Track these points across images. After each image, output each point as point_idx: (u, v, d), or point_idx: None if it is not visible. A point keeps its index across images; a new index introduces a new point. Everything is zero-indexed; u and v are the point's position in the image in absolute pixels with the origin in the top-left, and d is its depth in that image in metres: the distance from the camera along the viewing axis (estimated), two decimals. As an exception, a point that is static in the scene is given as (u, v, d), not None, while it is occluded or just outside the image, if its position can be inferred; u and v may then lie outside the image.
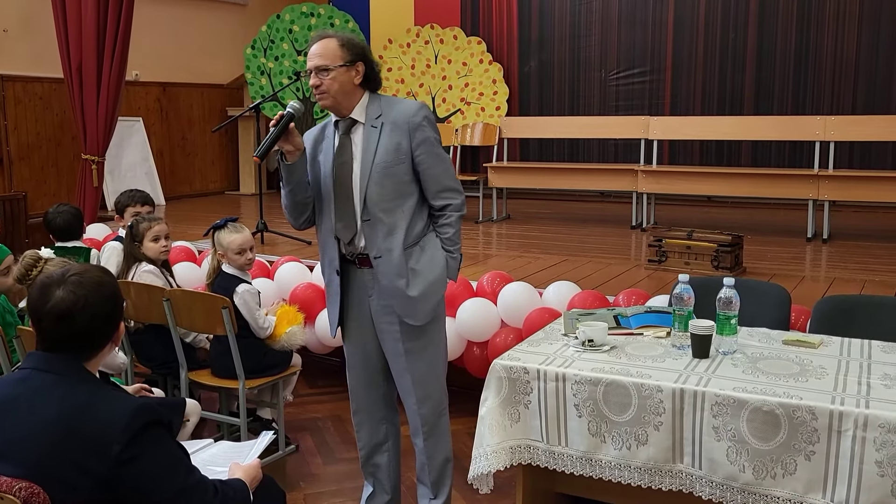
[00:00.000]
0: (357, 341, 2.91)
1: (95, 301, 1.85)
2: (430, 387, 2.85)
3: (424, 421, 2.87)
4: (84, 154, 6.95)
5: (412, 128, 2.67)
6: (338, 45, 2.65)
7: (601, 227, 6.65)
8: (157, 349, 3.77)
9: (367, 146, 2.69)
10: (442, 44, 8.79)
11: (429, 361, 2.84)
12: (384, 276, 2.71)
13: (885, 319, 3.02)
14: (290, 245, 5.77)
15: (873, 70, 7.27)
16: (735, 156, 7.78)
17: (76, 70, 6.75)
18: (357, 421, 3.01)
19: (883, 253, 5.34)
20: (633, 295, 3.88)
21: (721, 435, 2.30)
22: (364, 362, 2.92)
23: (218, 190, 9.63)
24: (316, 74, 2.65)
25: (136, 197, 4.55)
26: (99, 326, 1.87)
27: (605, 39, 8.31)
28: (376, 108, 2.71)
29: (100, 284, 1.88)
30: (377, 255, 2.71)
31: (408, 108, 2.71)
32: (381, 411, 2.98)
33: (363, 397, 2.97)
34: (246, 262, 3.65)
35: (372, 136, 2.69)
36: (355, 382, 2.97)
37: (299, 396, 4.38)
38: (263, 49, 8.49)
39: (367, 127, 2.70)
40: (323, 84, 2.64)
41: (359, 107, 2.71)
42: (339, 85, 2.65)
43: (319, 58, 2.65)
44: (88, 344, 1.87)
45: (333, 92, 2.65)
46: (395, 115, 2.69)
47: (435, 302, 2.78)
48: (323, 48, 2.66)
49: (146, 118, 8.70)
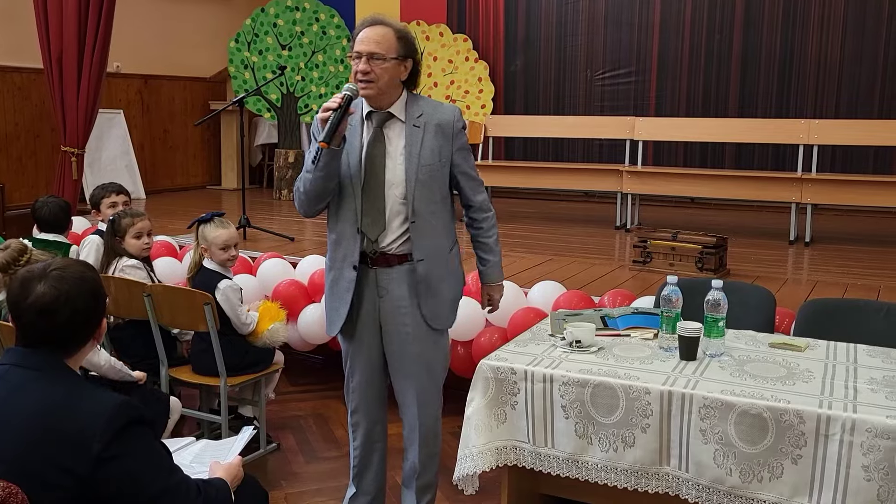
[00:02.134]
0: (361, 341, 2.83)
1: (77, 296, 1.81)
2: (431, 392, 2.83)
3: (423, 427, 2.83)
4: (63, 146, 6.86)
5: (455, 133, 2.70)
6: (395, 37, 2.60)
7: (586, 227, 6.65)
8: (138, 345, 3.71)
9: (411, 145, 2.64)
10: (428, 41, 8.76)
11: (435, 366, 2.82)
12: (426, 278, 2.70)
13: (869, 323, 3.03)
14: (272, 241, 5.72)
15: (857, 74, 7.32)
16: (719, 158, 7.81)
17: (56, 60, 6.66)
18: (354, 421, 2.95)
19: (864, 256, 5.38)
20: (619, 296, 3.87)
21: (708, 438, 2.29)
22: (367, 363, 2.85)
23: (199, 184, 9.54)
24: (368, 60, 2.56)
25: (110, 188, 4.49)
26: (80, 322, 1.83)
27: (591, 39, 8.31)
28: (417, 108, 2.68)
29: (82, 280, 1.84)
30: (420, 258, 2.68)
31: (450, 112, 2.73)
32: (377, 412, 2.94)
33: (363, 398, 2.91)
34: (229, 258, 3.61)
35: (415, 135, 2.65)
36: (356, 383, 2.90)
37: (281, 394, 4.34)
38: (247, 43, 8.42)
39: (408, 125, 2.66)
40: (373, 72, 2.56)
41: (399, 103, 2.67)
42: (388, 76, 2.59)
43: (376, 45, 2.56)
44: (69, 340, 1.83)
45: (382, 82, 2.58)
46: (438, 117, 2.68)
47: (456, 306, 2.87)
48: (381, 36, 2.58)
49: (127, 111, 8.60)
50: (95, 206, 4.46)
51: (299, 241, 5.79)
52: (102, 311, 1.90)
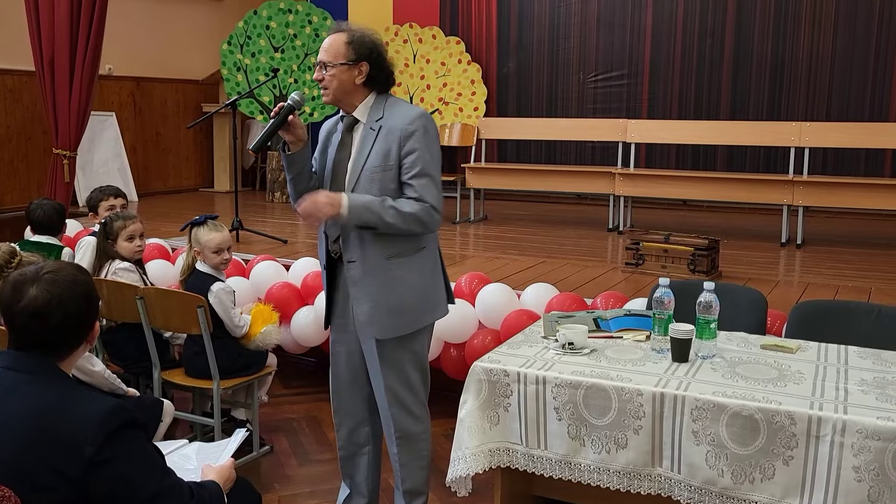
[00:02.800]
0: (341, 339, 2.88)
1: (69, 300, 1.81)
2: (401, 392, 2.79)
3: (397, 427, 2.82)
4: (55, 148, 6.84)
5: (404, 136, 2.60)
6: (344, 42, 2.62)
7: (578, 229, 6.66)
8: (130, 348, 3.71)
9: (362, 148, 2.66)
10: (420, 43, 8.77)
11: (403, 368, 2.78)
12: (353, 281, 2.71)
13: (860, 325, 3.04)
14: (265, 244, 5.72)
15: (848, 78, 7.36)
16: (711, 160, 7.83)
17: (48, 63, 6.64)
18: (337, 420, 2.97)
19: (855, 258, 5.40)
20: (612, 297, 3.88)
21: (700, 439, 2.30)
22: (347, 361, 2.89)
23: (192, 187, 9.52)
24: (319, 69, 2.64)
25: (108, 190, 4.49)
26: (72, 326, 1.83)
27: (583, 42, 8.33)
28: (379, 110, 2.67)
29: (74, 283, 1.84)
30: (350, 259, 2.69)
31: (407, 114, 2.64)
32: (363, 413, 2.94)
33: (345, 397, 2.94)
34: (222, 261, 3.60)
35: (368, 137, 2.66)
36: (337, 381, 2.94)
37: (274, 397, 4.33)
38: (240, 45, 8.41)
39: (366, 127, 2.68)
40: (324, 79, 2.63)
41: (362, 106, 2.69)
42: (338, 83, 2.63)
43: (325, 52, 2.63)
44: (62, 343, 1.83)
45: (332, 89, 2.64)
46: (393, 120, 2.63)
47: (402, 321, 2.71)
48: (329, 43, 2.63)
49: (119, 113, 8.58)
50: (93, 209, 4.45)
51: (292, 243, 5.79)
52: (95, 315, 1.90)
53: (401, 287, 2.69)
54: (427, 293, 2.77)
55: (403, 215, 2.57)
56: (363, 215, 2.56)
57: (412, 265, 2.70)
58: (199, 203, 8.20)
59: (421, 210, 2.59)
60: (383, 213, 2.56)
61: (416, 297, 2.73)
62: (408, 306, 2.71)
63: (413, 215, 2.58)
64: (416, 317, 2.75)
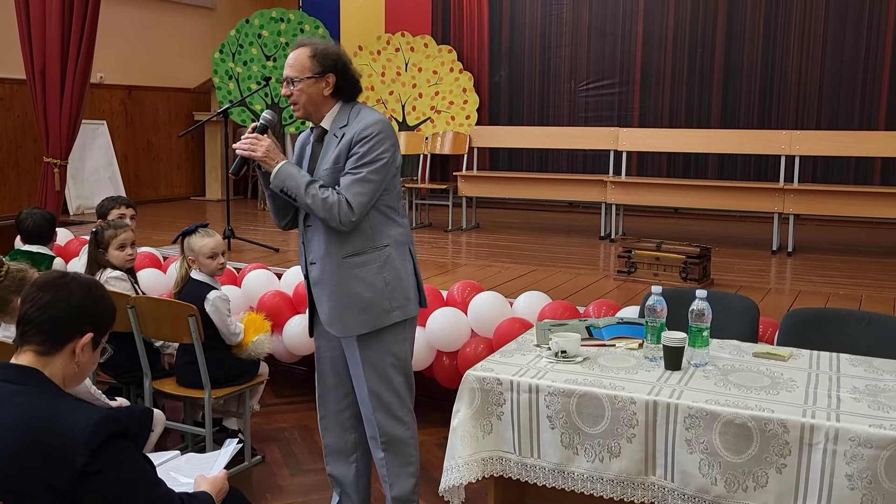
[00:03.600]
0: (325, 346, 2.91)
1: (77, 288, 1.89)
2: (384, 397, 2.81)
3: (382, 431, 2.83)
4: (46, 157, 6.82)
5: (356, 139, 2.64)
6: (308, 56, 2.66)
7: (570, 237, 6.67)
8: (121, 357, 3.68)
9: (325, 154, 2.72)
10: (412, 52, 8.78)
11: (382, 370, 2.80)
12: (314, 283, 2.76)
13: (851, 332, 3.05)
14: (257, 252, 5.71)
15: (837, 86, 7.40)
16: (702, 168, 7.86)
17: (39, 72, 6.63)
18: (323, 426, 3.00)
19: (846, 266, 5.42)
20: (604, 306, 3.88)
21: (693, 447, 2.30)
22: (332, 367, 2.93)
23: (183, 195, 9.51)
24: (286, 85, 2.67)
25: (120, 200, 4.53)
26: (70, 314, 1.86)
27: (575, 51, 8.37)
28: (344, 118, 2.71)
29: (89, 281, 1.97)
30: (312, 262, 2.76)
31: (364, 119, 2.67)
32: (350, 420, 2.95)
33: (330, 403, 2.96)
34: (218, 266, 3.60)
35: (331, 144, 2.71)
36: (323, 388, 2.97)
37: (266, 406, 4.31)
38: (232, 53, 8.41)
39: (330, 135, 2.73)
40: (292, 95, 2.67)
41: (328, 116, 2.73)
42: (307, 96, 2.67)
43: (290, 68, 2.68)
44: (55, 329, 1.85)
45: (302, 103, 2.69)
46: (353, 126, 2.68)
47: (365, 318, 2.73)
48: (294, 59, 2.68)
49: (111, 121, 8.57)
50: (103, 217, 4.43)
51: (284, 251, 5.78)
52: (98, 320, 1.92)
53: (359, 285, 2.72)
54: (392, 292, 2.76)
55: (317, 199, 2.61)
56: (287, 181, 2.64)
57: (371, 263, 2.73)
58: (191, 211, 8.18)
59: (335, 202, 2.61)
60: (304, 188, 2.62)
61: (377, 296, 2.73)
62: (368, 304, 2.72)
63: (325, 202, 2.61)
64: (378, 314, 2.75)
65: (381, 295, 2.73)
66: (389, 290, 2.75)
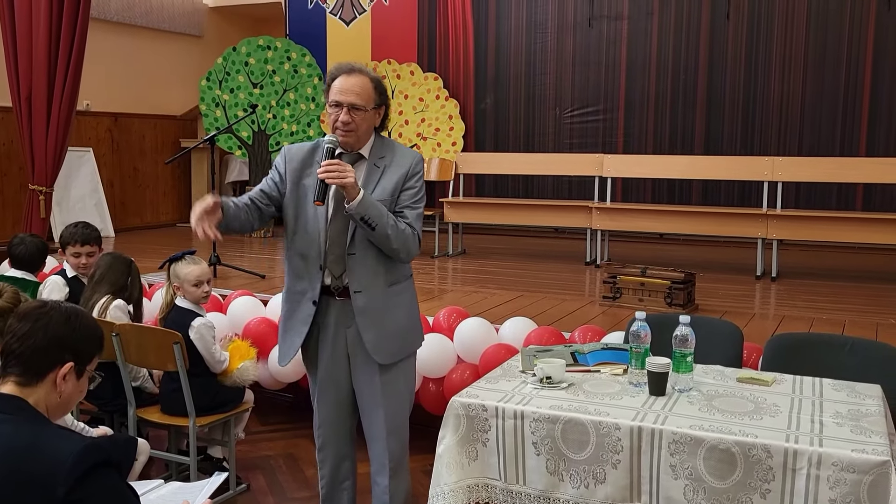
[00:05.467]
0: (329, 375, 2.86)
1: (56, 317, 1.89)
2: (399, 423, 2.86)
3: (392, 457, 2.85)
4: (32, 184, 6.80)
5: (410, 174, 2.76)
6: (373, 87, 2.70)
7: (556, 262, 6.70)
8: (105, 386, 3.66)
9: (368, 182, 2.72)
10: (399, 79, 8.85)
11: (400, 396, 2.85)
12: (359, 311, 2.73)
13: (834, 357, 3.07)
14: (243, 279, 5.70)
15: (818, 114, 7.50)
16: (686, 194, 7.92)
17: (25, 99, 6.63)
18: (321, 457, 2.96)
19: (829, 291, 5.46)
20: (589, 331, 3.90)
21: (678, 473, 2.31)
22: (335, 398, 2.88)
23: (170, 222, 9.49)
24: (348, 111, 2.65)
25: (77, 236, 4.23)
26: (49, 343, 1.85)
27: (559, 78, 8.45)
28: (381, 149, 2.78)
29: (69, 309, 1.94)
30: (357, 290, 2.72)
31: (410, 156, 2.81)
32: (345, 448, 2.96)
33: (331, 433, 2.93)
34: (202, 294, 3.59)
35: (373, 174, 2.74)
36: (324, 418, 2.92)
37: (251, 434, 4.28)
38: (219, 81, 8.44)
39: (369, 164, 2.75)
40: (354, 122, 2.66)
41: (367, 145, 2.77)
42: (367, 125, 2.71)
43: (357, 97, 2.66)
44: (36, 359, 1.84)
45: (361, 131, 2.70)
46: (398, 158, 2.77)
47: (402, 344, 2.84)
48: (361, 87, 2.67)
49: (97, 148, 8.56)
50: (63, 248, 4.38)
51: (270, 278, 5.77)
52: (81, 348, 1.91)
53: (400, 312, 2.82)
54: (418, 317, 2.95)
55: (399, 229, 2.68)
56: (370, 210, 2.62)
57: (406, 291, 2.86)
58: (177, 238, 8.16)
59: (411, 234, 2.73)
60: (387, 218, 2.66)
61: (411, 323, 2.89)
62: (405, 330, 2.86)
63: (404, 234, 2.70)
64: (413, 340, 2.91)
65: (413, 322, 2.90)
66: (417, 317, 2.93)
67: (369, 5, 9.12)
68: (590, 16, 8.25)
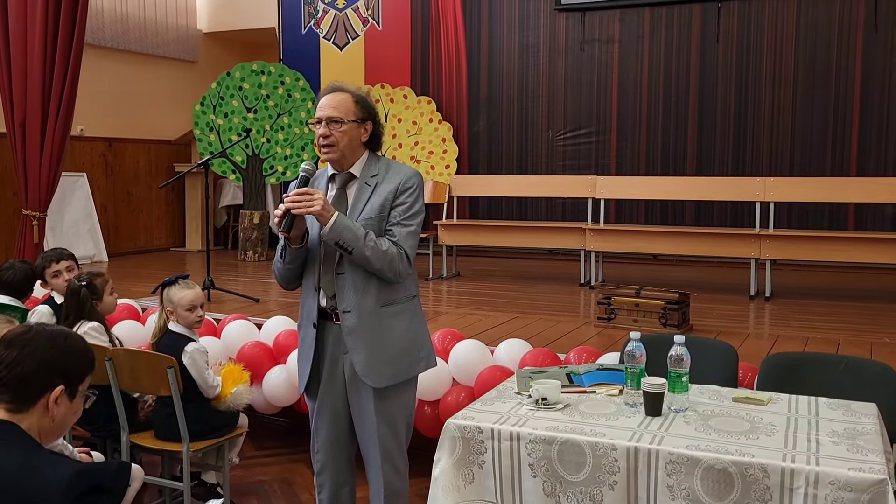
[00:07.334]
0: (327, 400, 2.83)
1: (42, 341, 1.87)
2: (394, 450, 2.80)
3: (387, 485, 2.80)
4: (25, 209, 6.79)
5: (401, 189, 2.70)
6: (352, 101, 2.69)
7: (550, 284, 6.70)
8: (99, 410, 3.64)
9: (357, 201, 2.71)
10: (392, 103, 8.89)
11: (397, 424, 2.79)
12: (348, 331, 2.70)
13: (830, 376, 3.07)
14: (237, 302, 5.68)
15: (808, 135, 7.56)
16: (679, 215, 7.95)
17: (19, 125, 6.64)
18: (320, 482, 2.92)
19: (824, 310, 5.47)
20: (584, 352, 3.89)
21: (675, 493, 2.29)
22: (333, 422, 2.85)
23: (163, 246, 9.48)
24: (327, 125, 2.66)
25: (51, 255, 4.33)
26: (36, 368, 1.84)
27: (552, 100, 8.50)
28: (374, 167, 2.75)
29: (55, 332, 1.93)
30: (346, 310, 2.70)
31: (405, 171, 2.75)
32: (344, 474, 2.91)
33: (329, 459, 2.89)
34: (196, 319, 3.57)
35: (363, 192, 2.72)
36: (322, 443, 2.89)
37: (245, 459, 4.25)
38: (213, 106, 8.47)
39: (360, 182, 2.73)
40: (333, 136, 2.66)
41: (358, 163, 2.75)
42: (348, 139, 2.68)
43: (334, 109, 2.67)
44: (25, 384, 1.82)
45: (342, 145, 2.68)
46: (391, 175, 2.72)
47: (397, 368, 2.75)
48: (338, 101, 2.68)
49: (90, 173, 8.57)
50: (41, 277, 4.36)
51: (264, 302, 5.76)
52: (64, 373, 1.88)
53: (394, 335, 2.74)
54: (421, 341, 2.83)
55: (379, 251, 2.62)
56: (344, 234, 2.59)
57: (405, 313, 2.77)
58: (171, 262, 8.15)
59: (395, 254, 2.65)
60: (363, 240, 2.60)
61: (410, 346, 2.78)
62: (401, 354, 2.76)
63: (387, 254, 2.63)
64: (410, 364, 2.79)
65: (413, 345, 2.79)
66: (420, 341, 2.82)
67: (363, 30, 9.19)
68: (581, 39, 8.32)
